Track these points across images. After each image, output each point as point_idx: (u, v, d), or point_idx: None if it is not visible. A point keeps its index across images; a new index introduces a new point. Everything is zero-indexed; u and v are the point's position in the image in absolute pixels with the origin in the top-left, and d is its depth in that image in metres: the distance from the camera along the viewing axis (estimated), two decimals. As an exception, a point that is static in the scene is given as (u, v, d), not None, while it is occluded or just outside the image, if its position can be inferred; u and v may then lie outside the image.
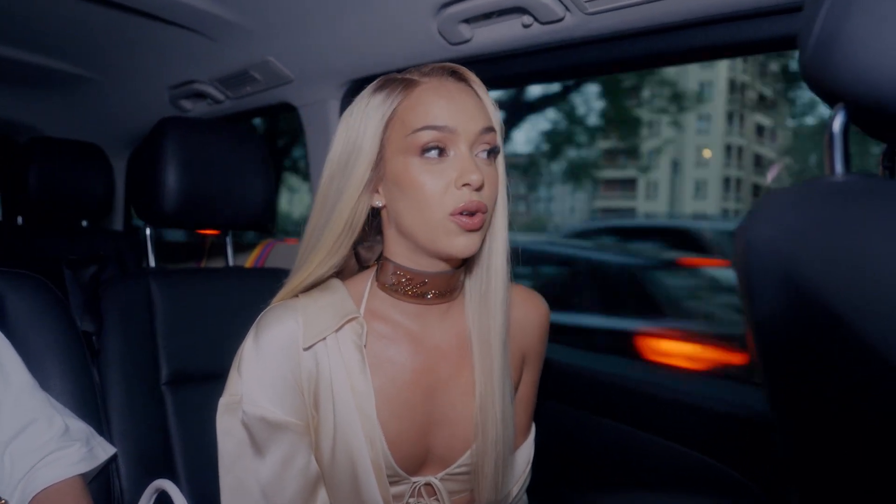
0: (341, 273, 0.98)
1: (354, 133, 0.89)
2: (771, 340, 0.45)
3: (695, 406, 1.20)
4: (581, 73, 1.45)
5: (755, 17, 1.05)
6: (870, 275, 0.39)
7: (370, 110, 0.89)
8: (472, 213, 0.84)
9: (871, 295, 0.38)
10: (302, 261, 0.93)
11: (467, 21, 1.31)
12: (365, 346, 0.90)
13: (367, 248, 0.99)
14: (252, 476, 0.89)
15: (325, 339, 0.89)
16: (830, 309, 0.39)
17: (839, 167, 0.51)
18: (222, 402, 0.91)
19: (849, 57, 0.48)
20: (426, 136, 0.84)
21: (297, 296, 0.94)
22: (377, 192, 0.91)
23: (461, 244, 0.85)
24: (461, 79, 0.91)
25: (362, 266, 1.00)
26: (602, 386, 1.36)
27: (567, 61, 1.32)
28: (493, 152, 0.89)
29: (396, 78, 0.91)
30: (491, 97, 0.91)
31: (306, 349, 0.88)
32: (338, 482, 0.90)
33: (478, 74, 0.92)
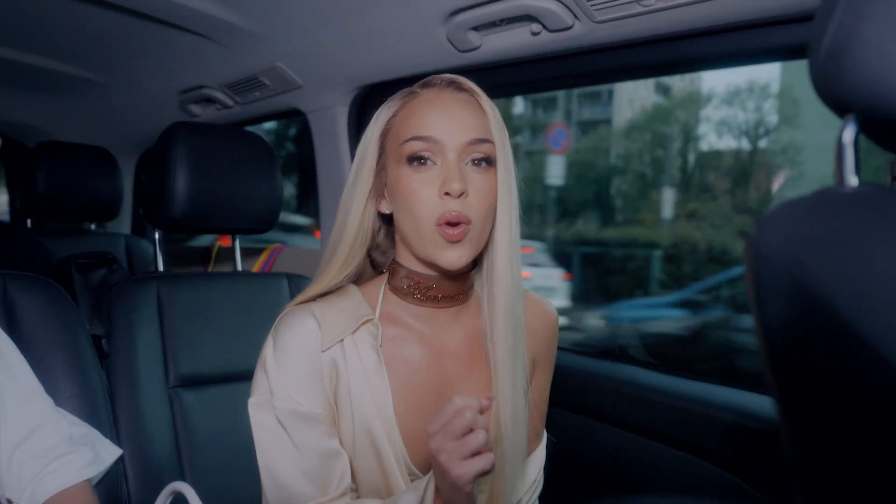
0: (359, 278, 1.02)
1: (364, 143, 0.95)
2: (780, 348, 0.45)
3: (701, 413, 1.20)
4: (589, 81, 1.45)
5: (764, 27, 1.06)
6: (878, 284, 0.39)
7: (375, 121, 0.95)
8: (454, 225, 0.87)
9: (879, 304, 0.39)
10: (322, 269, 0.98)
11: (476, 29, 1.32)
12: (381, 346, 0.94)
13: (381, 253, 1.02)
14: (292, 467, 0.91)
15: (342, 341, 0.93)
16: (838, 318, 0.40)
17: (849, 177, 0.52)
18: (253, 401, 0.95)
19: (859, 67, 0.48)
20: (412, 147, 0.89)
21: (313, 300, 0.97)
22: (385, 199, 0.96)
23: (447, 257, 0.88)
24: (462, 89, 0.94)
25: (378, 270, 1.04)
26: (610, 393, 1.36)
27: (575, 69, 1.33)
28: (486, 162, 0.90)
29: (404, 90, 0.96)
30: (496, 109, 0.93)
31: (324, 351, 0.92)
32: (360, 478, 0.94)
33: (486, 81, 0.94)
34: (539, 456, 1.09)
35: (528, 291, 1.06)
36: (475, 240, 0.89)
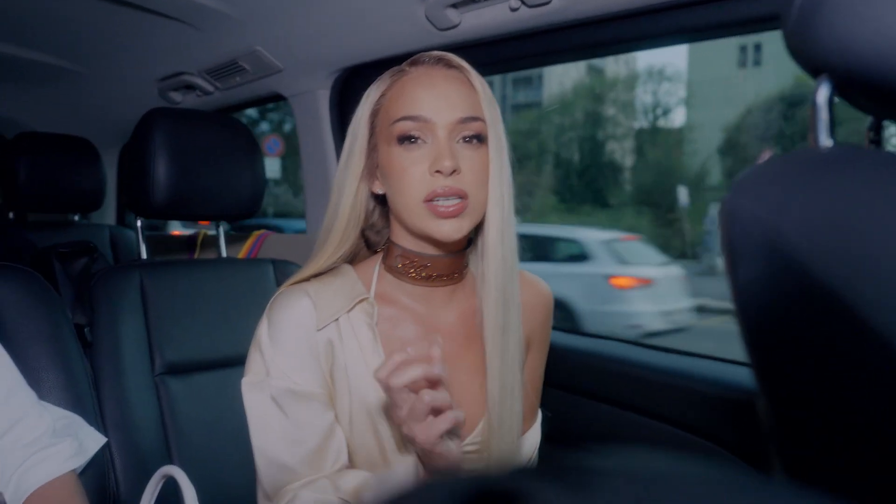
0: (353, 258, 1.02)
1: (354, 123, 0.95)
2: (754, 311, 0.45)
3: (691, 388, 1.21)
4: (569, 57, 1.44)
5: (741, -3, 1.06)
6: (852, 242, 0.39)
7: (365, 101, 0.94)
8: (447, 199, 0.86)
9: (853, 261, 0.39)
10: (316, 251, 0.97)
11: (455, 6, 1.30)
12: (376, 325, 0.94)
13: (375, 233, 1.02)
14: (286, 446, 0.91)
15: (337, 320, 0.93)
16: (813, 276, 0.40)
17: (823, 138, 0.51)
18: (246, 381, 0.94)
19: (831, 27, 0.47)
20: (402, 127, 0.88)
21: (307, 280, 0.97)
22: (378, 179, 0.95)
23: (441, 229, 0.87)
24: (451, 66, 0.93)
25: (372, 250, 1.03)
26: (602, 371, 1.37)
27: (555, 44, 1.32)
28: (477, 139, 0.90)
29: (393, 69, 0.95)
30: (486, 85, 0.93)
31: (320, 330, 0.91)
32: (357, 456, 0.94)
33: (466, 60, 0.93)
34: (534, 435, 1.09)
35: (523, 271, 1.05)
36: (472, 213, 0.89)
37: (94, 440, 1.09)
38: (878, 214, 0.38)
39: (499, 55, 1.41)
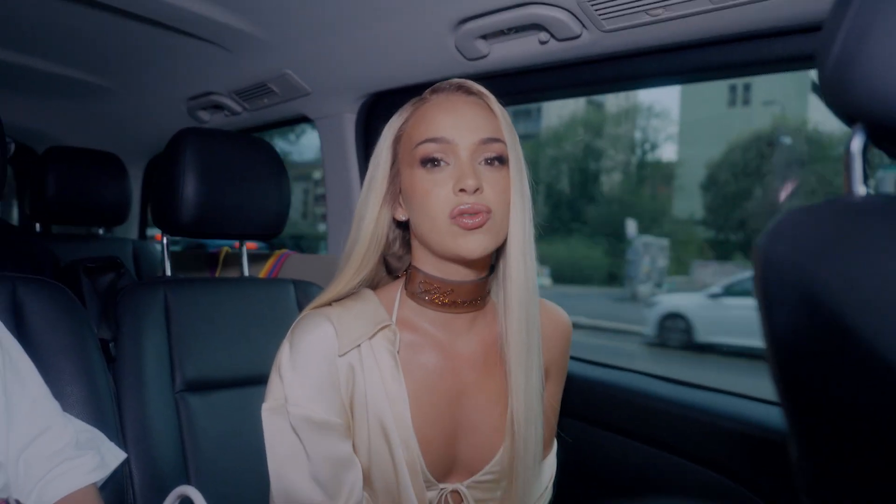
0: (375, 284, 1.02)
1: (377, 151, 0.96)
2: (788, 357, 0.45)
3: (708, 423, 1.20)
4: (597, 90, 1.45)
5: (772, 37, 1.06)
6: (887, 292, 0.39)
7: (388, 129, 0.96)
8: (471, 215, 0.87)
9: (888, 312, 0.39)
10: (336, 276, 0.98)
11: (484, 37, 1.32)
12: (398, 352, 0.93)
13: (396, 258, 1.02)
14: (303, 474, 0.91)
15: (359, 346, 0.92)
16: (847, 326, 0.40)
17: (857, 187, 0.52)
18: (266, 407, 0.93)
19: (868, 77, 0.48)
20: (425, 149, 0.90)
21: (329, 304, 0.97)
22: (400, 205, 0.96)
23: (467, 245, 0.88)
24: (471, 93, 0.95)
25: (393, 275, 1.04)
26: (619, 402, 1.36)
27: (583, 77, 1.34)
28: (498, 161, 0.91)
29: (415, 98, 0.97)
30: (505, 112, 0.94)
31: (341, 356, 0.91)
32: (375, 485, 0.93)
33: (494, 90, 0.95)
34: (550, 465, 1.09)
35: (542, 300, 1.05)
36: (495, 229, 0.89)
37: (114, 455, 1.10)
38: None
39: (527, 86, 1.43)
